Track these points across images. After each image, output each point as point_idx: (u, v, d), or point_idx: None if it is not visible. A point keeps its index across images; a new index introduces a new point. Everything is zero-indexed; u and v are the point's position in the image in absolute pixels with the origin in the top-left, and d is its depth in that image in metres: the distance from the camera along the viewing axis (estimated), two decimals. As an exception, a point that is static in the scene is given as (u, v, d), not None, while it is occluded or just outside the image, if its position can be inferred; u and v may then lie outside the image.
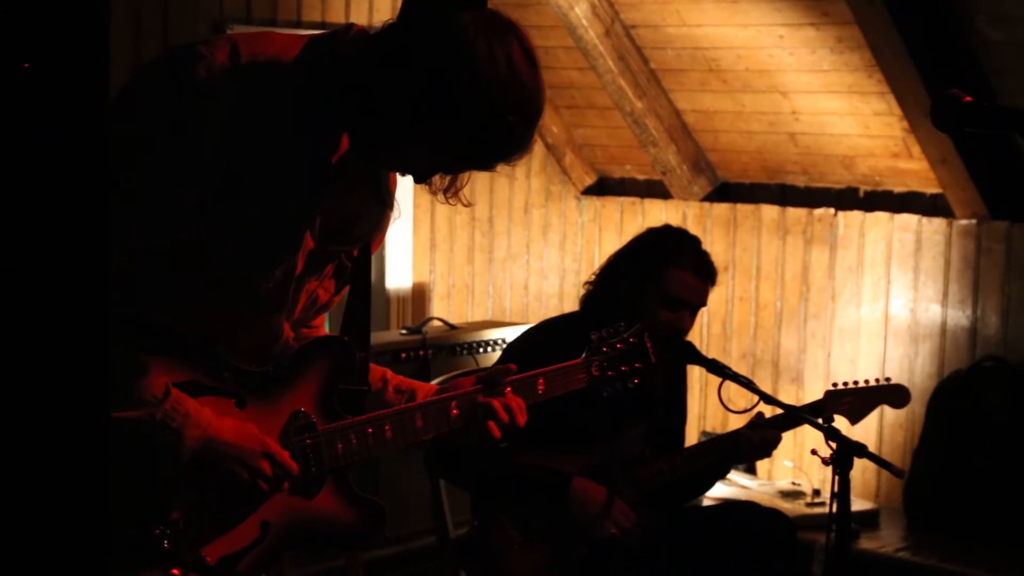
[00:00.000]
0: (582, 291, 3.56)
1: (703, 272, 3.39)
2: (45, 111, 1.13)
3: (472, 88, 1.90)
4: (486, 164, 2.01)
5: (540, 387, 2.34)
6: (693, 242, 3.45)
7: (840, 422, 3.22)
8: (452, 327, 4.82)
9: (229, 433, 2.00)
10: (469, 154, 1.99)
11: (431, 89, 1.91)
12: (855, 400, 3.48)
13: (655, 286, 3.34)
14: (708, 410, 5.56)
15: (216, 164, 1.93)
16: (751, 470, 5.21)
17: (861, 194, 5.29)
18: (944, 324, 4.94)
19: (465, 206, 2.08)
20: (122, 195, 1.90)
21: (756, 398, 3.21)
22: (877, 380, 3.55)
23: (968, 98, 1.89)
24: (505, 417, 2.22)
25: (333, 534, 2.19)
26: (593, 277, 3.53)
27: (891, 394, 3.55)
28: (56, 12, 1.11)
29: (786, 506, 4.65)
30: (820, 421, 3.07)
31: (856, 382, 3.51)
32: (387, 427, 2.18)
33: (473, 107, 1.91)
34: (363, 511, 2.19)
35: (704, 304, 3.41)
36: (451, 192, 2.05)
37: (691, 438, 4.58)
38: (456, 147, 1.97)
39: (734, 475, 5.03)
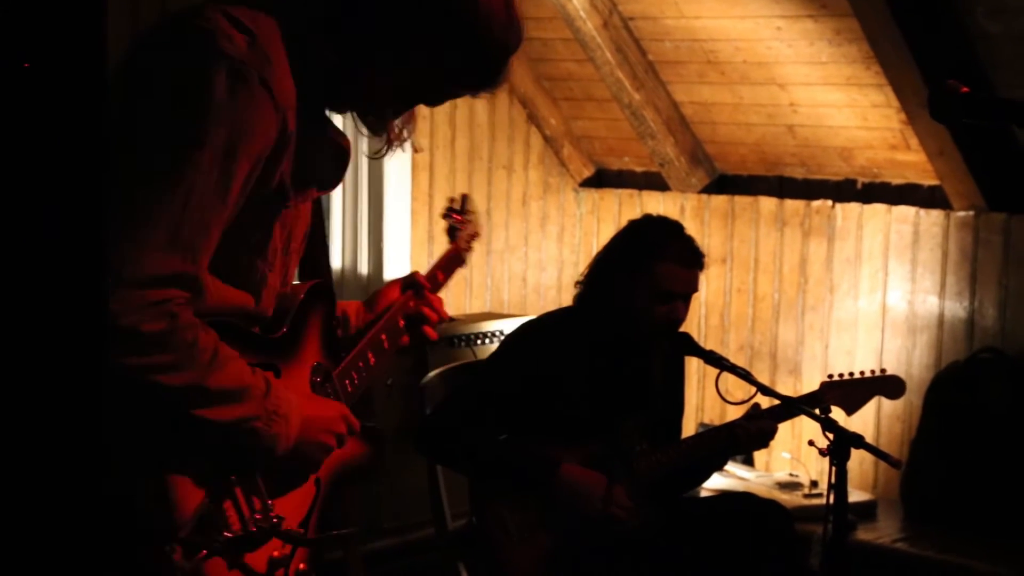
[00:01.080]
0: (574, 291, 3.55)
1: (689, 260, 3.38)
2: (45, 110, 1.13)
3: (470, 9, 2.00)
4: (463, 90, 2.13)
5: (440, 277, 2.62)
6: (675, 230, 3.42)
7: (837, 414, 3.23)
8: (450, 318, 4.82)
9: (310, 407, 2.05)
10: (454, 77, 2.07)
11: (430, 9, 1.98)
12: (850, 391, 3.48)
13: (644, 283, 3.34)
14: (706, 402, 5.57)
15: (261, 136, 1.90)
16: (749, 461, 5.21)
17: (859, 186, 5.29)
18: (942, 316, 4.95)
19: (416, 151, 2.13)
20: (167, 194, 1.82)
21: (754, 389, 3.22)
22: (873, 371, 3.55)
23: (965, 89, 1.89)
24: (435, 317, 2.43)
25: (355, 469, 2.27)
26: (583, 278, 3.53)
27: (887, 385, 3.55)
28: (54, 11, 1.11)
29: (784, 497, 4.65)
30: (817, 412, 3.08)
31: (852, 373, 3.52)
32: (370, 354, 2.30)
33: (470, 27, 2.00)
34: (369, 440, 2.27)
35: (696, 291, 3.40)
36: (399, 142, 2.13)
37: (688, 429, 4.59)
38: (447, 69, 2.05)
39: (732, 466, 5.03)
